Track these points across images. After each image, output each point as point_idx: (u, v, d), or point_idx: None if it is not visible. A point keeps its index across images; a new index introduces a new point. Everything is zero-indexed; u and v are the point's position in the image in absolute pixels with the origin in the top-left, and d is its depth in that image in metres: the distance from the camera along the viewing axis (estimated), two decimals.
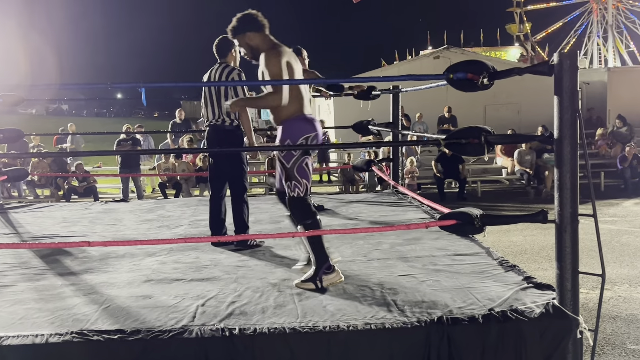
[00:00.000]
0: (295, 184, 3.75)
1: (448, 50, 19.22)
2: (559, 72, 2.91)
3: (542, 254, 8.16)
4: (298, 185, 3.75)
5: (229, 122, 4.86)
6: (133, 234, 5.46)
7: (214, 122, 4.90)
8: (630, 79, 19.12)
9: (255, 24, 3.90)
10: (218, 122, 4.88)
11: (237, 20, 3.94)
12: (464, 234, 3.58)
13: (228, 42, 4.95)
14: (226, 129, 4.88)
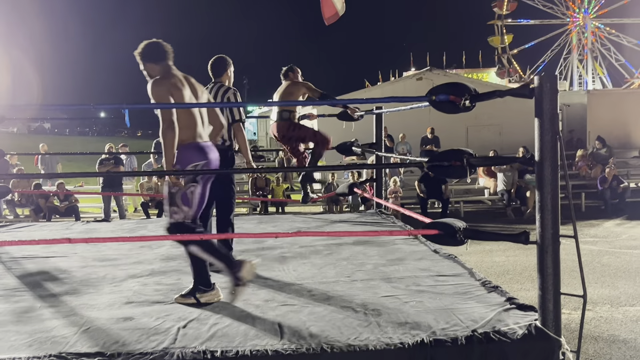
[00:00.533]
0: (175, 210, 3.69)
1: (430, 71, 19.43)
2: (539, 95, 2.96)
3: (525, 275, 8.20)
4: (178, 211, 3.69)
5: (221, 142, 4.80)
6: (114, 254, 5.39)
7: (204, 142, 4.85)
8: (609, 101, 19.46)
9: (154, 56, 3.83)
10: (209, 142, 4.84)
11: (142, 49, 3.85)
12: (445, 244, 3.58)
13: (224, 61, 4.98)
14: (218, 149, 4.86)
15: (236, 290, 3.66)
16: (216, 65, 5.00)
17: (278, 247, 5.59)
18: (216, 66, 5.00)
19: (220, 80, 4.97)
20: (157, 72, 3.82)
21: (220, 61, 5.00)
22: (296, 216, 7.84)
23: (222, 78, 4.98)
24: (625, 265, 8.82)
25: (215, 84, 4.95)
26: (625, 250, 9.90)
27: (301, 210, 14.73)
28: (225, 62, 5.01)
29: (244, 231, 6.41)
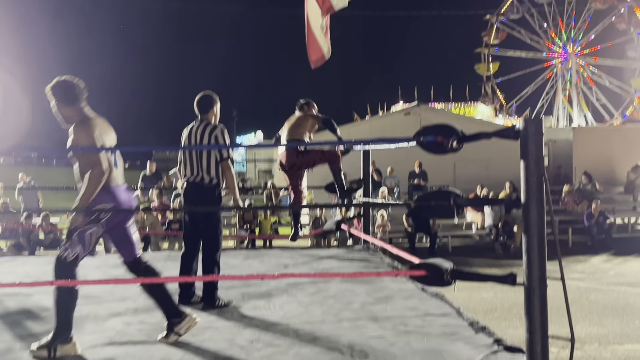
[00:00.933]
0: (69, 245, 3.61)
1: (418, 107, 19.61)
2: (524, 137, 2.98)
3: (513, 312, 8.17)
4: (71, 249, 3.60)
5: (209, 180, 4.78)
6: (98, 291, 5.30)
7: (192, 179, 4.82)
8: (595, 137, 19.73)
9: (65, 97, 3.70)
10: (197, 180, 4.79)
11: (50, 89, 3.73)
12: (433, 285, 3.55)
13: (210, 98, 4.97)
14: (205, 187, 4.80)
15: (168, 337, 3.69)
16: (202, 102, 4.98)
17: (264, 283, 5.54)
18: (202, 103, 4.97)
19: (207, 118, 4.95)
20: (70, 113, 3.72)
21: (206, 98, 4.98)
22: (283, 251, 7.78)
23: (207, 115, 4.96)
24: (613, 303, 8.82)
25: (201, 122, 4.92)
26: (613, 287, 9.91)
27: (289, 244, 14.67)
28: (211, 99, 4.99)
29: (230, 267, 6.35)
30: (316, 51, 6.33)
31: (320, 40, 6.27)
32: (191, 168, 4.81)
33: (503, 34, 40.80)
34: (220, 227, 4.91)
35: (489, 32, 40.33)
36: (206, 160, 4.76)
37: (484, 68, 41.26)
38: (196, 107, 4.99)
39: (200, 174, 4.77)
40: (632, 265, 11.99)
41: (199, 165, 4.77)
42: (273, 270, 6.24)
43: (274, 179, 29.26)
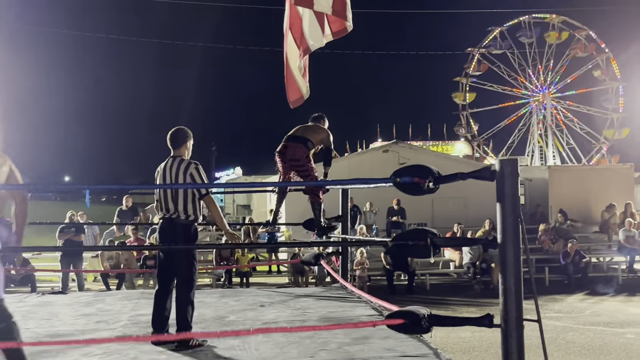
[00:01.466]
0: None
1: (396, 144, 19.79)
2: (500, 178, 3.01)
3: (491, 351, 8.12)
4: None
5: (185, 217, 4.73)
6: (69, 330, 5.18)
7: (168, 215, 4.75)
8: (570, 176, 20.01)
9: None
10: (173, 216, 4.73)
11: None
12: (411, 333, 3.52)
13: (183, 133, 4.94)
14: (181, 223, 4.74)
15: None
16: (175, 137, 4.94)
17: (240, 322, 5.45)
18: (175, 139, 4.94)
19: (179, 154, 4.91)
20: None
21: (179, 133, 4.95)
22: (260, 289, 7.69)
23: (180, 150, 4.93)
24: (590, 342, 8.82)
25: (174, 159, 4.88)
26: (589, 326, 9.92)
27: (266, 280, 14.53)
28: (185, 134, 4.95)
29: (205, 305, 6.25)
30: (295, 91, 6.39)
31: (299, 80, 6.34)
32: (166, 205, 4.75)
33: (484, 67, 41.63)
34: (195, 265, 4.83)
35: (470, 64, 41.18)
36: (182, 197, 4.70)
37: (460, 97, 41.94)
38: (169, 143, 4.95)
39: (177, 211, 4.71)
40: (608, 304, 12.05)
41: (174, 202, 4.71)
42: (249, 309, 6.15)
43: (253, 214, 29.15)
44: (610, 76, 39.54)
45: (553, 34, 40.01)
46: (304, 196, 6.87)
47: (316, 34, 6.12)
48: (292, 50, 6.22)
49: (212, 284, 13.84)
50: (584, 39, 39.60)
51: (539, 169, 22.21)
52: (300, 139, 6.28)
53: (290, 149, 6.21)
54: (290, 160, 6.22)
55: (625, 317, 10.66)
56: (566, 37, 40.17)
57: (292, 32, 6.21)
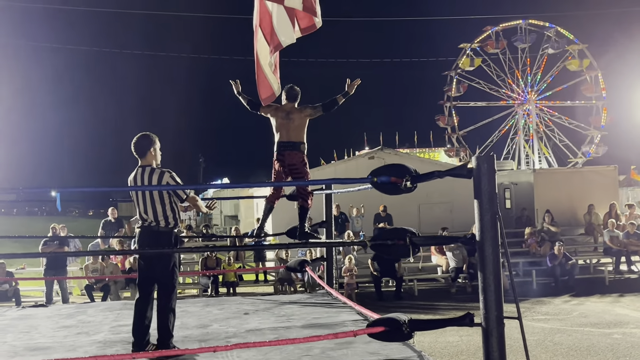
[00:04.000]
0: None
1: (382, 151, 19.80)
2: (477, 175, 2.99)
3: (478, 355, 8.04)
4: None
5: (164, 224, 4.65)
6: (47, 342, 5.08)
7: (147, 224, 4.68)
8: (555, 180, 20.09)
9: None
10: (152, 225, 4.65)
11: None
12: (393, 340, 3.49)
13: (148, 140, 4.80)
14: (160, 231, 4.65)
15: None
16: (139, 146, 4.77)
17: (223, 331, 5.38)
18: (139, 146, 4.77)
19: (148, 162, 4.77)
20: None
21: (143, 141, 4.78)
22: (245, 298, 7.62)
23: (147, 159, 4.78)
24: (577, 344, 8.82)
25: (144, 169, 4.74)
26: (577, 327, 9.93)
27: (254, 290, 14.43)
28: (149, 140, 4.81)
29: (188, 314, 6.18)
30: (266, 88, 6.34)
31: (269, 77, 6.29)
32: (145, 213, 4.66)
33: (464, 86, 41.89)
34: (176, 272, 4.76)
35: (450, 86, 41.42)
36: (160, 205, 4.63)
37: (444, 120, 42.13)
38: (134, 152, 4.79)
39: (155, 220, 4.64)
40: (595, 305, 12.07)
41: (153, 210, 4.63)
42: (233, 317, 6.08)
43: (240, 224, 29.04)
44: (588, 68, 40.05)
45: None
46: (290, 206, 6.82)
47: (287, 29, 6.07)
48: (262, 47, 6.17)
49: (199, 294, 13.72)
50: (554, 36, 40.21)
51: (524, 173, 22.30)
52: (294, 146, 6.27)
53: (288, 156, 6.27)
54: (289, 165, 6.29)
55: (613, 318, 10.68)
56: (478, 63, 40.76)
57: (261, 29, 6.16)
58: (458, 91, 41.43)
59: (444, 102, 41.77)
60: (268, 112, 6.46)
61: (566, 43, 39.96)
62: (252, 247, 8.26)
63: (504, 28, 40.81)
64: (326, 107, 6.27)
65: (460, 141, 41.92)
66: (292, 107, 6.37)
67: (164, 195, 4.65)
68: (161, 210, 4.63)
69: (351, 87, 6.26)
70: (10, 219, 59.38)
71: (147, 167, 4.75)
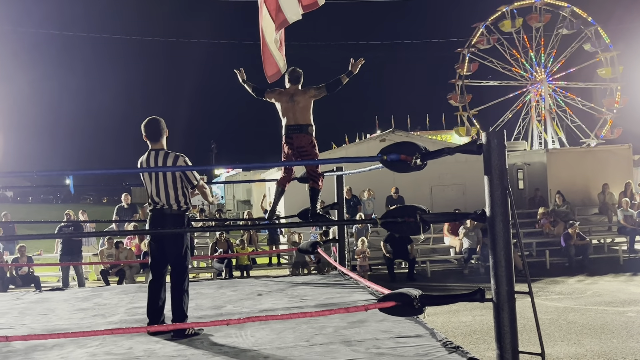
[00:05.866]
0: None
1: (393, 133, 19.72)
2: (487, 151, 2.98)
3: (492, 334, 8.04)
4: None
5: (177, 207, 4.68)
6: (65, 324, 5.16)
7: (159, 207, 4.68)
8: (568, 160, 19.94)
9: None
10: (164, 208, 4.67)
11: None
12: (404, 315, 3.52)
13: (161, 124, 4.81)
14: (172, 214, 4.68)
15: None
16: (156, 128, 4.77)
17: (237, 312, 5.43)
18: (153, 129, 4.77)
19: (161, 146, 4.77)
20: None
21: (157, 124, 4.78)
22: (258, 280, 7.68)
23: (161, 143, 4.78)
24: (591, 322, 8.81)
25: (157, 152, 4.74)
26: (590, 307, 9.91)
27: (267, 273, 14.52)
28: (163, 125, 4.81)
29: (203, 296, 6.24)
30: (272, 66, 6.32)
31: (275, 54, 6.27)
32: (156, 196, 4.68)
33: (475, 65, 41.38)
34: (189, 254, 4.80)
35: (462, 64, 40.94)
36: (172, 188, 4.65)
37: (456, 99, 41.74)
38: (147, 135, 4.78)
39: (168, 202, 4.66)
40: (609, 285, 12.03)
41: (165, 193, 4.66)
42: (247, 298, 6.13)
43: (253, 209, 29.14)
44: (603, 47, 39.34)
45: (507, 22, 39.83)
46: (302, 189, 6.85)
47: (292, 6, 6.04)
48: (268, 24, 6.15)
49: (213, 278, 13.83)
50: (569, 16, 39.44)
51: (537, 153, 22.12)
52: (301, 128, 6.30)
53: (296, 139, 6.31)
54: (298, 148, 6.33)
55: (627, 297, 10.65)
56: (520, 23, 40.03)
57: (266, 5, 6.12)
58: (469, 69, 40.96)
59: (455, 81, 41.36)
60: (272, 97, 6.48)
61: (582, 24, 39.17)
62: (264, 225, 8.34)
63: (519, 7, 40.21)
64: (330, 87, 6.24)
65: (471, 120, 41.58)
66: (295, 90, 6.38)
67: (177, 178, 4.68)
68: (173, 193, 4.67)
69: (355, 66, 6.22)
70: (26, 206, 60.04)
71: (161, 151, 4.75)
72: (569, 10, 39.32)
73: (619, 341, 7.74)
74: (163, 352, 4.11)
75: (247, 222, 14.90)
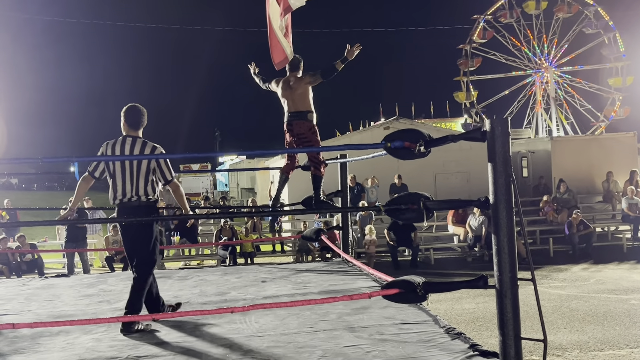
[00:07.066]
0: None
1: (397, 121, 19.68)
2: (491, 138, 2.98)
3: (494, 321, 8.07)
4: None
5: (146, 199, 4.46)
6: (70, 310, 5.20)
7: (127, 199, 4.44)
8: (572, 147, 19.88)
9: None
10: (133, 199, 4.44)
11: None
12: (407, 302, 3.54)
13: (143, 111, 4.63)
14: (143, 205, 4.46)
15: None
16: (135, 115, 4.56)
17: (241, 299, 5.46)
18: (135, 117, 4.56)
19: (138, 135, 4.55)
20: None
21: (139, 111, 4.58)
22: (262, 267, 7.71)
23: (140, 132, 4.58)
24: (594, 310, 8.83)
25: (134, 139, 4.50)
26: (594, 294, 9.93)
27: (270, 260, 14.57)
28: (143, 112, 4.60)
29: (207, 283, 6.28)
30: (279, 52, 6.31)
31: (282, 41, 6.25)
32: (125, 187, 4.44)
33: (478, 60, 41.10)
34: (157, 245, 4.59)
35: (465, 61, 40.64)
36: (144, 180, 4.44)
37: (462, 96, 41.49)
38: (128, 121, 4.54)
39: (137, 194, 4.44)
40: (612, 272, 12.05)
41: (135, 184, 4.43)
42: (251, 285, 6.17)
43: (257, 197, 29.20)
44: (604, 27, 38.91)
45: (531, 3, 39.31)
46: (306, 177, 6.85)
47: None
48: (274, 10, 6.11)
49: (217, 265, 13.89)
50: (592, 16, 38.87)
51: (542, 141, 22.04)
52: (300, 115, 6.31)
53: (296, 126, 6.33)
54: (297, 135, 6.35)
55: (630, 284, 10.66)
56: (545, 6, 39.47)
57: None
58: (473, 65, 40.68)
59: (460, 78, 41.10)
60: (273, 86, 6.54)
61: (580, 5, 38.70)
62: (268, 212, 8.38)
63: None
64: (325, 74, 6.20)
65: (480, 115, 41.33)
66: (294, 77, 6.42)
67: (150, 170, 4.46)
68: (143, 185, 4.45)
69: (350, 52, 6.13)
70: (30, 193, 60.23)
71: (138, 139, 4.53)
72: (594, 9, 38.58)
73: (621, 328, 7.76)
74: (168, 338, 4.14)
75: (251, 210, 14.93)
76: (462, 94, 41.26)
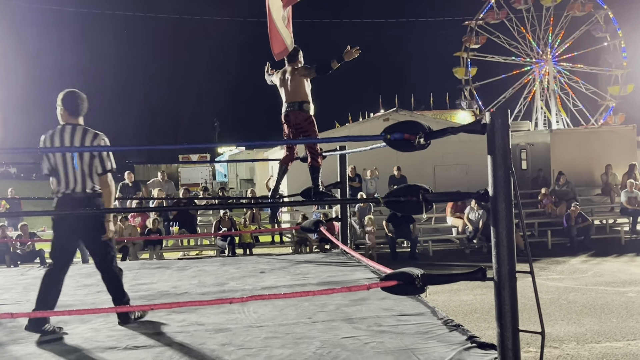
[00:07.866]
0: None
1: (397, 112, 19.66)
2: (490, 130, 2.97)
3: (492, 313, 8.11)
4: None
5: (91, 190, 4.23)
6: (69, 300, 5.19)
7: (69, 190, 4.21)
8: (572, 140, 19.89)
9: None
10: (77, 190, 4.20)
11: None
12: (406, 293, 3.54)
13: (82, 97, 4.35)
14: (87, 197, 4.23)
15: None
16: (75, 101, 4.29)
17: (240, 289, 5.47)
18: (74, 103, 4.29)
19: (78, 122, 4.29)
20: None
21: (78, 96, 4.32)
22: (261, 258, 7.72)
23: (79, 119, 4.31)
24: (591, 302, 8.86)
25: (74, 127, 4.23)
26: (591, 287, 9.96)
27: (269, 251, 14.60)
28: (82, 98, 4.33)
29: (206, 273, 6.28)
30: (279, 43, 6.28)
31: (282, 32, 6.23)
32: (68, 177, 4.21)
33: (483, 38, 40.93)
34: (112, 239, 4.46)
35: (469, 37, 40.49)
36: (88, 169, 4.22)
37: (462, 72, 41.42)
38: (67, 107, 4.26)
39: (82, 185, 4.22)
40: (610, 265, 12.08)
41: (82, 174, 4.21)
42: (249, 275, 6.18)
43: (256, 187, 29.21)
44: (611, 33, 38.82)
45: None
46: (304, 168, 6.85)
47: None
48: (275, 1, 6.09)
49: (216, 256, 13.91)
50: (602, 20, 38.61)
51: (541, 134, 22.04)
52: (295, 105, 6.32)
53: (293, 117, 6.35)
54: (295, 125, 6.38)
55: (627, 277, 10.70)
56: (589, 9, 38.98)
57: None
58: (477, 42, 40.55)
59: (460, 53, 40.98)
60: (272, 78, 6.56)
61: (594, 7, 38.46)
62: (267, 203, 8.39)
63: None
64: (319, 70, 6.18)
65: (473, 94, 41.32)
66: (290, 68, 6.44)
67: (94, 159, 4.24)
68: (89, 175, 4.25)
69: (349, 54, 6.02)
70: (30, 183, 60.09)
71: (79, 127, 4.27)
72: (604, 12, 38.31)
73: (618, 321, 7.80)
74: (166, 329, 4.15)
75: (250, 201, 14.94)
76: (461, 70, 41.19)
